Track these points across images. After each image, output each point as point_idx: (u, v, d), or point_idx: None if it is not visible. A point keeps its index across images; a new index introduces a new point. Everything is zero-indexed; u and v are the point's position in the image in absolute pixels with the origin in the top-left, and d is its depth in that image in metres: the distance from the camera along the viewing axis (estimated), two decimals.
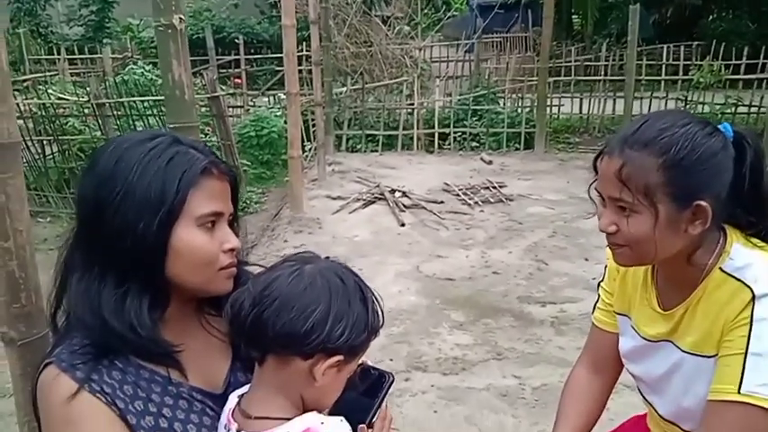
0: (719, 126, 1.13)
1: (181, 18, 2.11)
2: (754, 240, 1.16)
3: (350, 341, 0.95)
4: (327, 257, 1.05)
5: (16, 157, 1.33)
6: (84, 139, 6.73)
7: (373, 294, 1.02)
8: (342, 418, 0.97)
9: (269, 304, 0.94)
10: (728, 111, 8.78)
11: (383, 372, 1.11)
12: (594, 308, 1.47)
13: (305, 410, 0.98)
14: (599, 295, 1.45)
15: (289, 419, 0.95)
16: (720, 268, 1.14)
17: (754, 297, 1.07)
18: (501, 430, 2.72)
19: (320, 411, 1.00)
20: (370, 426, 1.03)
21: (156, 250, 1.00)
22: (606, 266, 1.40)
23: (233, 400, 1.04)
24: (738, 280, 1.11)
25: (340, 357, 0.95)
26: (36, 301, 1.38)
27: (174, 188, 1.00)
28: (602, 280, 1.44)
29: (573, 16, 17.17)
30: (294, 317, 0.93)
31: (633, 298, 1.32)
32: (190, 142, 1.08)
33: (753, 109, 8.70)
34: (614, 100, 9.10)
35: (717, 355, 1.13)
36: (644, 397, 1.36)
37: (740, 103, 8.72)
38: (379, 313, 1.01)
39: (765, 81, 8.69)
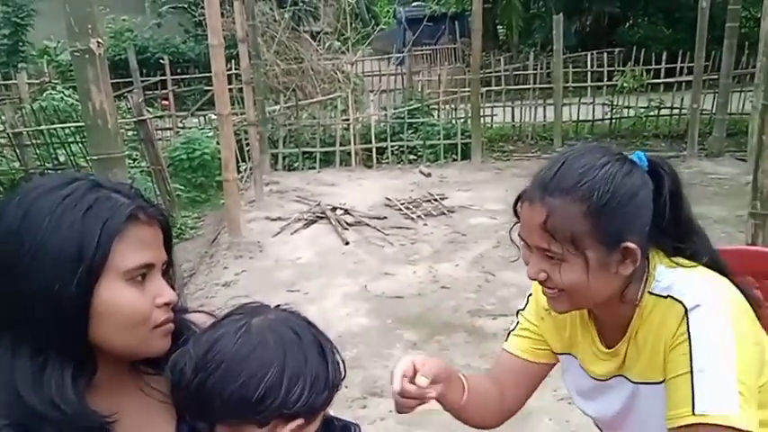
0: (634, 157, 1.11)
1: (99, 42, 1.96)
2: (676, 260, 1.15)
3: (309, 402, 0.85)
4: (278, 306, 0.95)
5: None
6: (0, 171, 6.33)
7: (333, 346, 0.93)
8: None
9: (214, 369, 0.84)
10: (652, 113, 9.15)
11: (348, 423, 1.02)
12: (509, 335, 1.39)
13: None
14: (518, 322, 1.38)
15: None
16: (649, 292, 1.13)
17: (686, 311, 1.06)
18: None
19: None
20: None
21: (76, 315, 0.87)
22: (530, 297, 1.36)
23: None
24: (670, 297, 1.10)
25: (300, 421, 0.85)
26: None
27: (95, 242, 0.87)
28: (523, 308, 1.38)
29: (498, 27, 17.59)
30: (244, 382, 0.82)
31: (574, 337, 1.28)
32: (112, 185, 0.94)
33: (674, 111, 9.08)
34: (544, 107, 9.32)
35: (664, 380, 1.11)
36: None
37: (662, 106, 9.10)
38: (340, 365, 0.92)
39: (684, 83, 9.09)
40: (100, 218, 0.88)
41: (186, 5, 13.76)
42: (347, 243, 5.32)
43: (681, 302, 1.07)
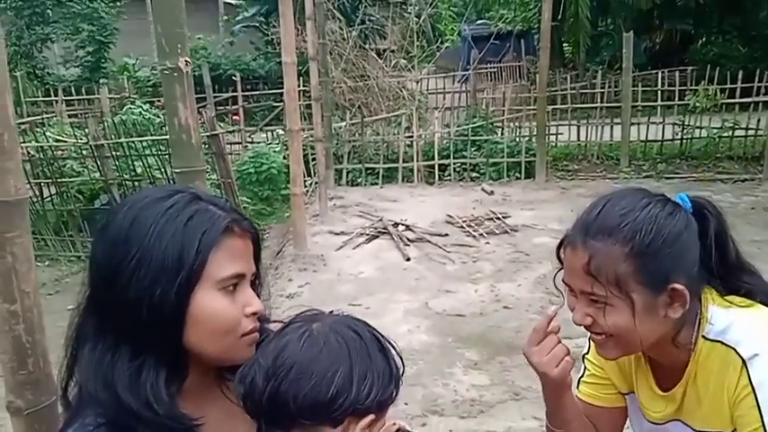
0: (677, 199, 1.10)
1: (186, 61, 2.07)
2: (729, 298, 1.11)
3: (378, 397, 0.87)
4: (332, 312, 0.98)
5: (23, 216, 1.26)
6: (82, 181, 6.68)
7: (390, 342, 0.96)
8: None
9: (285, 375, 0.87)
10: (726, 134, 8.80)
11: None
12: (579, 381, 1.37)
13: None
14: (585, 367, 1.35)
15: None
16: (704, 336, 1.10)
17: (744, 362, 1.03)
18: None
19: None
20: None
21: (174, 319, 0.93)
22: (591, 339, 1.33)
23: None
24: (724, 344, 1.07)
25: (371, 417, 0.88)
26: (44, 367, 1.29)
27: (194, 250, 0.93)
28: (587, 352, 1.36)
29: (564, 45, 17.37)
30: (316, 384, 0.85)
31: (632, 378, 1.26)
32: (209, 199, 1.01)
33: (750, 132, 8.71)
34: (611, 126, 9.12)
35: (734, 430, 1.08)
36: None
37: (737, 127, 8.74)
38: (400, 361, 0.95)
39: (761, 104, 8.72)
40: (199, 229, 0.94)
41: (258, 24, 14.23)
42: (408, 259, 5.35)
43: (737, 352, 1.04)
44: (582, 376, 1.36)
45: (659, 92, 9.70)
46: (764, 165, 7.74)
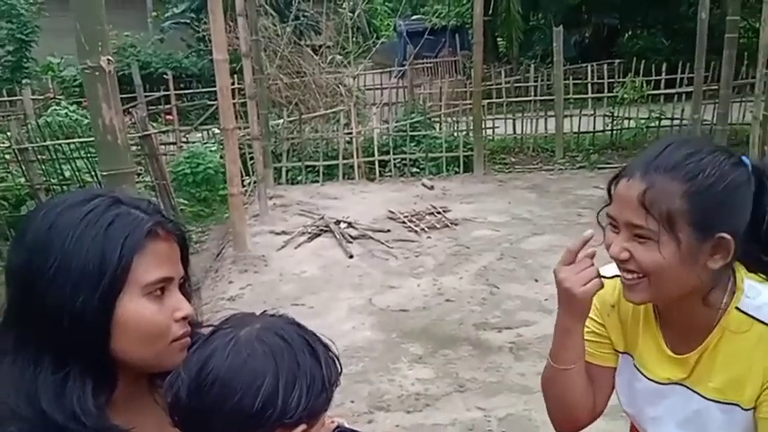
0: (742, 157, 1.08)
1: (109, 59, 1.99)
2: (763, 276, 1.11)
3: (309, 406, 0.84)
4: (264, 312, 0.94)
5: None
6: (6, 187, 6.37)
7: (323, 343, 0.92)
8: None
9: (209, 388, 0.83)
10: (653, 124, 9.18)
11: None
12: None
13: None
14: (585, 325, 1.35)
15: None
16: (737, 308, 1.08)
17: None
18: None
19: None
20: None
21: (98, 327, 0.88)
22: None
23: None
24: (763, 323, 1.06)
25: (302, 427, 0.85)
26: None
27: (117, 255, 0.89)
28: None
29: (498, 39, 17.68)
30: (240, 397, 0.82)
31: (634, 336, 1.23)
32: (132, 201, 0.97)
33: (675, 121, 9.10)
34: (545, 119, 9.36)
35: (752, 408, 1.08)
36: None
37: (663, 117, 9.13)
38: (335, 362, 0.91)
39: (684, 94, 9.12)
40: (121, 233, 0.90)
41: (188, 21, 13.85)
42: (351, 256, 5.33)
43: None
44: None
45: (589, 84, 10.02)
46: None
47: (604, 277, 1.15)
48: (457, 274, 4.84)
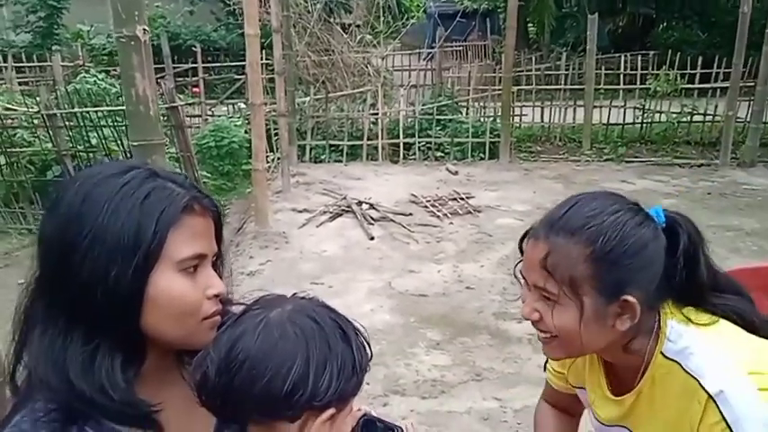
0: (651, 211, 1.07)
1: (144, 29, 1.97)
2: (687, 312, 1.09)
3: (339, 390, 0.83)
4: (295, 294, 0.93)
5: None
6: (34, 152, 6.43)
7: (355, 328, 0.90)
8: None
9: (238, 369, 0.82)
10: (684, 119, 8.98)
11: (390, 425, 1.00)
12: (546, 363, 1.38)
13: None
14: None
15: None
16: (662, 353, 1.07)
17: (711, 398, 1.01)
18: None
19: None
20: None
21: (130, 301, 0.87)
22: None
23: None
24: (684, 370, 1.04)
25: (331, 411, 0.83)
26: None
27: (152, 229, 0.87)
28: None
29: (529, 25, 17.41)
30: (270, 379, 0.80)
31: (583, 374, 1.25)
32: (168, 175, 0.95)
33: (708, 117, 8.90)
34: (575, 108, 9.20)
35: None
36: None
37: (696, 112, 8.93)
38: (366, 347, 0.90)
39: (719, 90, 8.91)
40: (157, 207, 0.88)
41: None
42: (372, 238, 5.32)
43: (701, 385, 1.02)
44: (546, 362, 1.36)
45: (621, 75, 9.82)
46: (721, 150, 7.93)
47: None
48: (478, 262, 4.80)
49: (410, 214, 5.92)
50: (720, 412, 1.00)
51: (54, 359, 0.87)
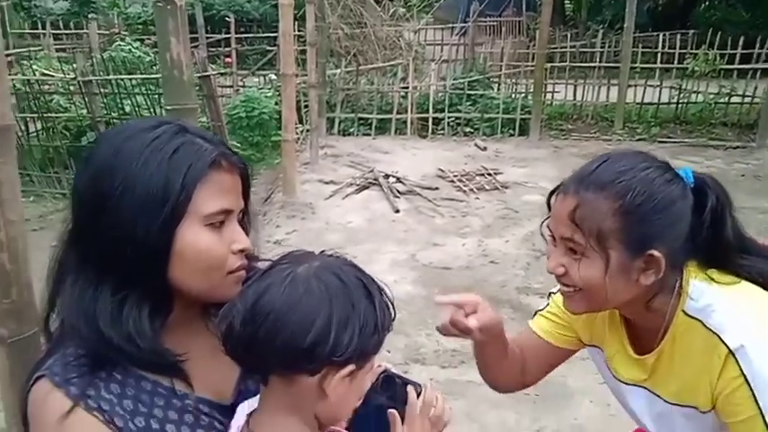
0: (680, 171, 1.09)
1: None
2: (710, 273, 1.11)
3: (360, 347, 0.84)
4: (323, 251, 0.94)
5: (9, 143, 1.23)
6: (69, 117, 6.57)
7: (379, 288, 0.91)
8: None
9: (262, 321, 0.84)
10: (722, 101, 8.74)
11: (408, 380, 1.02)
12: (536, 313, 1.39)
13: (320, 427, 0.89)
14: (547, 303, 1.38)
15: None
16: (683, 311, 1.09)
17: (731, 353, 1.03)
18: (502, 426, 2.67)
19: (338, 424, 0.91)
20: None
21: (158, 253, 0.90)
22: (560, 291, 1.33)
23: (241, 417, 0.95)
24: (705, 327, 1.06)
25: (351, 367, 0.85)
26: (27, 297, 1.28)
27: (179, 183, 0.90)
28: (556, 292, 1.36)
29: (565, 1, 17.04)
30: (293, 332, 0.82)
31: (602, 333, 1.26)
32: (197, 131, 0.97)
33: (746, 99, 8.65)
34: (608, 87, 9.03)
35: (711, 410, 1.09)
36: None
37: (734, 93, 8.68)
38: (389, 307, 0.91)
39: (760, 71, 8.65)
40: (185, 161, 0.91)
41: None
42: (398, 211, 5.35)
43: (722, 340, 1.04)
44: (542, 310, 1.38)
45: (659, 54, 9.58)
46: (758, 133, 7.73)
47: None
48: (503, 237, 4.81)
49: (436, 188, 5.93)
50: (740, 367, 1.02)
51: (84, 308, 0.91)
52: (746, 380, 1.02)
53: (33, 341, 1.28)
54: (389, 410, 0.95)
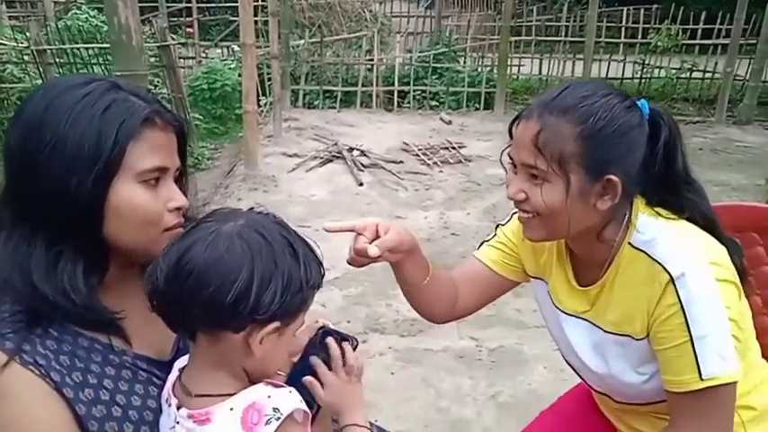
0: (637, 102, 1.11)
1: None
2: (659, 209, 1.14)
3: (284, 305, 0.85)
4: (251, 209, 0.95)
5: None
6: (23, 88, 6.35)
7: (308, 245, 0.92)
8: (291, 389, 0.90)
9: (185, 279, 0.84)
10: (684, 75, 8.88)
11: (345, 335, 1.04)
12: (481, 244, 1.42)
13: (251, 381, 0.90)
14: (494, 234, 1.41)
15: (232, 395, 0.87)
16: (629, 243, 1.13)
17: (672, 279, 1.06)
18: (458, 391, 2.72)
19: (271, 379, 0.92)
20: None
21: (91, 209, 0.90)
22: (515, 215, 1.33)
23: (175, 372, 0.96)
24: (650, 257, 1.09)
25: (276, 324, 0.86)
26: None
27: (112, 140, 0.89)
28: (504, 224, 1.40)
29: None
30: (215, 290, 0.83)
31: (548, 265, 1.29)
32: (130, 88, 0.96)
33: (707, 75, 8.81)
34: (573, 62, 9.09)
35: (644, 338, 1.12)
36: (568, 363, 1.35)
37: (695, 69, 8.83)
38: (316, 266, 0.91)
39: (720, 47, 8.80)
40: (117, 118, 0.90)
41: None
42: (361, 184, 5.34)
43: (664, 268, 1.07)
44: (489, 241, 1.41)
45: (623, 29, 9.67)
46: (717, 108, 7.89)
47: None
48: (465, 210, 4.85)
49: (401, 162, 5.93)
50: (677, 294, 1.05)
51: (19, 263, 0.90)
52: (682, 307, 1.05)
53: None
54: (305, 378, 0.97)
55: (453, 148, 6.37)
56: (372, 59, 8.47)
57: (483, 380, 2.80)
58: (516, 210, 1.20)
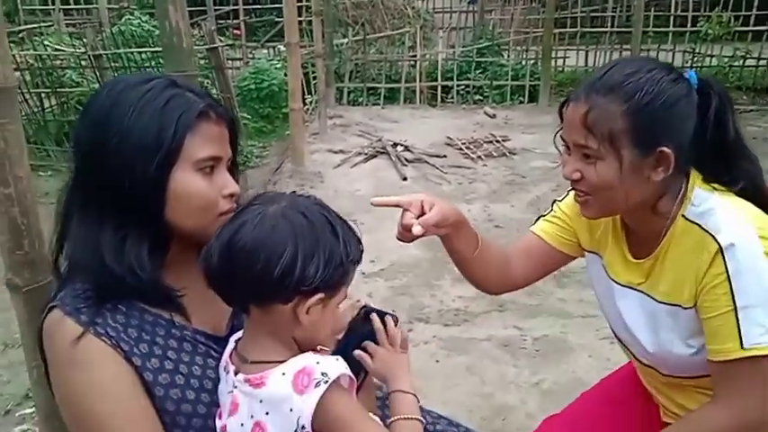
0: (685, 73, 1.13)
1: None
2: (714, 184, 1.16)
3: (326, 277, 0.94)
4: (294, 192, 1.03)
5: (13, 103, 1.30)
6: (82, 92, 6.64)
7: (347, 224, 1.00)
8: (339, 357, 0.97)
9: (236, 257, 0.93)
10: (736, 63, 8.60)
11: (386, 313, 1.12)
12: (538, 219, 1.45)
13: (300, 350, 0.98)
14: (551, 210, 1.43)
15: (283, 362, 0.95)
16: (683, 215, 1.15)
17: (721, 249, 1.08)
18: (502, 380, 2.76)
19: (316, 349, 1.00)
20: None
21: (154, 195, 1.00)
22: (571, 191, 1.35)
23: (231, 344, 1.05)
24: (702, 228, 1.12)
25: (320, 295, 0.95)
26: (39, 249, 1.37)
27: (171, 131, 0.99)
28: (561, 199, 1.42)
29: None
30: (263, 265, 0.91)
31: (604, 239, 1.32)
32: (186, 85, 1.07)
33: (761, 62, 8.50)
34: (620, 52, 8.90)
35: (692, 307, 1.14)
36: (617, 338, 1.37)
37: (748, 56, 8.53)
38: (354, 242, 0.99)
39: None
40: (176, 111, 1.00)
41: None
42: (405, 179, 5.40)
43: (715, 239, 1.09)
44: (546, 215, 1.44)
45: (672, 17, 9.42)
46: None
47: None
48: (509, 203, 4.85)
49: (444, 156, 5.96)
50: (725, 264, 1.08)
51: (91, 244, 1.01)
52: (729, 277, 1.07)
53: (46, 289, 1.36)
54: (355, 351, 1.05)
55: (497, 141, 6.37)
56: (415, 56, 8.51)
57: (527, 368, 2.82)
58: (572, 188, 1.23)
